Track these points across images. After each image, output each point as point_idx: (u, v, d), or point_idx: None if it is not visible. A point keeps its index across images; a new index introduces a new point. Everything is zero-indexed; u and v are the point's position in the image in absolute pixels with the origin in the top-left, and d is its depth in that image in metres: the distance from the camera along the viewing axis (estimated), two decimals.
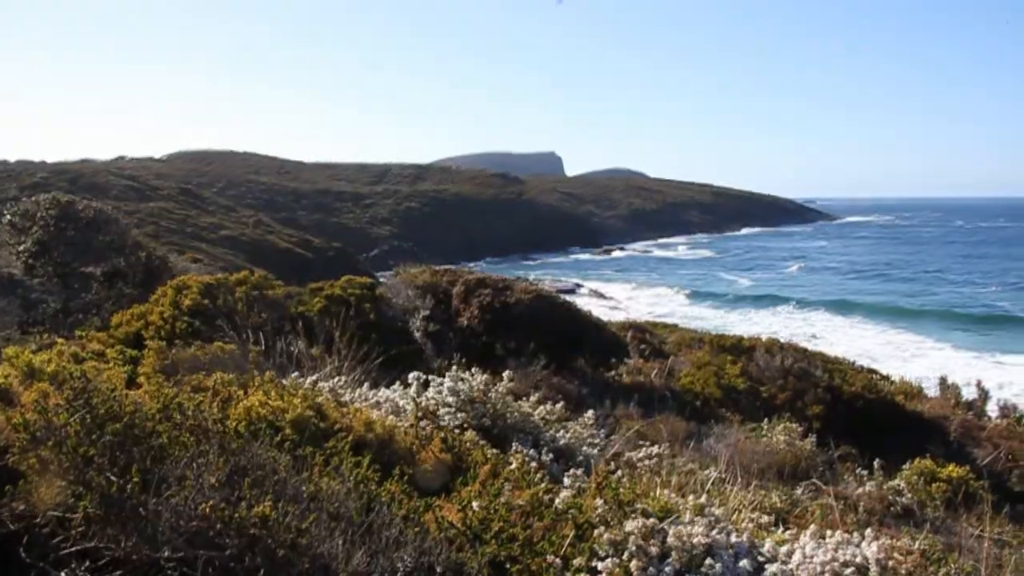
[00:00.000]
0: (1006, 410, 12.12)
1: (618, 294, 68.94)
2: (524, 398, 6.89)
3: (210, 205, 69.67)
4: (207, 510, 2.94)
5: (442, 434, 5.22)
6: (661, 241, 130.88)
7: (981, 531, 6.75)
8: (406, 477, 3.94)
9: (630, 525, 3.93)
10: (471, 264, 76.22)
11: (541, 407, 6.70)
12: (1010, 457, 9.43)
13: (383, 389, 6.57)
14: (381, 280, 16.31)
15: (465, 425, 5.89)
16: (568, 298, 22.00)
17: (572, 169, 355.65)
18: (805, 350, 13.07)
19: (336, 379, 6.43)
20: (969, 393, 12.51)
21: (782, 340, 17.68)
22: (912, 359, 42.25)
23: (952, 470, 8.54)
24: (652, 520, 4.03)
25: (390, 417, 5.69)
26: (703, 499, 4.75)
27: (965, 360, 42.09)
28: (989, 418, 11.71)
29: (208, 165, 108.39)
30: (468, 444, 5.29)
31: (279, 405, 4.60)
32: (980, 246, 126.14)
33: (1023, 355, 43.14)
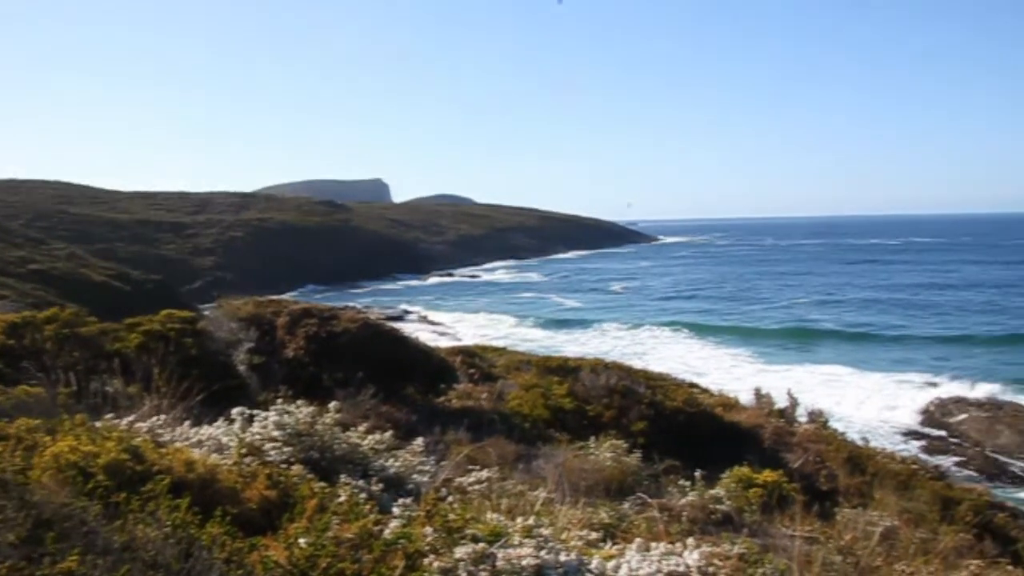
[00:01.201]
0: (814, 415, 12.93)
1: (447, 319, 69.17)
2: (353, 428, 6.81)
3: (17, 237, 65.22)
4: (4, 571, 2.76)
5: (267, 470, 5.09)
6: (489, 265, 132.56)
7: (793, 531, 7.15)
8: (229, 517, 3.81)
9: (460, 551, 3.95)
10: (298, 293, 74.70)
11: (370, 437, 6.64)
12: (818, 459, 10.05)
13: (206, 426, 6.34)
14: (204, 313, 15.75)
15: (292, 459, 5.76)
16: (397, 325, 21.95)
17: (399, 195, 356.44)
18: (629, 368, 13.52)
19: (155, 418, 6.16)
20: (781, 401, 13.29)
21: (609, 359, 18.20)
22: (730, 371, 44.37)
23: (767, 475, 9.01)
24: (482, 545, 4.06)
25: (213, 455, 5.50)
26: (531, 520, 4.82)
27: (778, 370, 44.62)
28: (799, 424, 12.47)
29: (14, 195, 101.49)
30: (295, 479, 5.18)
31: (91, 450, 4.36)
32: (788, 263, 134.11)
33: (829, 364, 46.18)
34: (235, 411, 6.20)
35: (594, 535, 5.60)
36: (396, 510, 4.63)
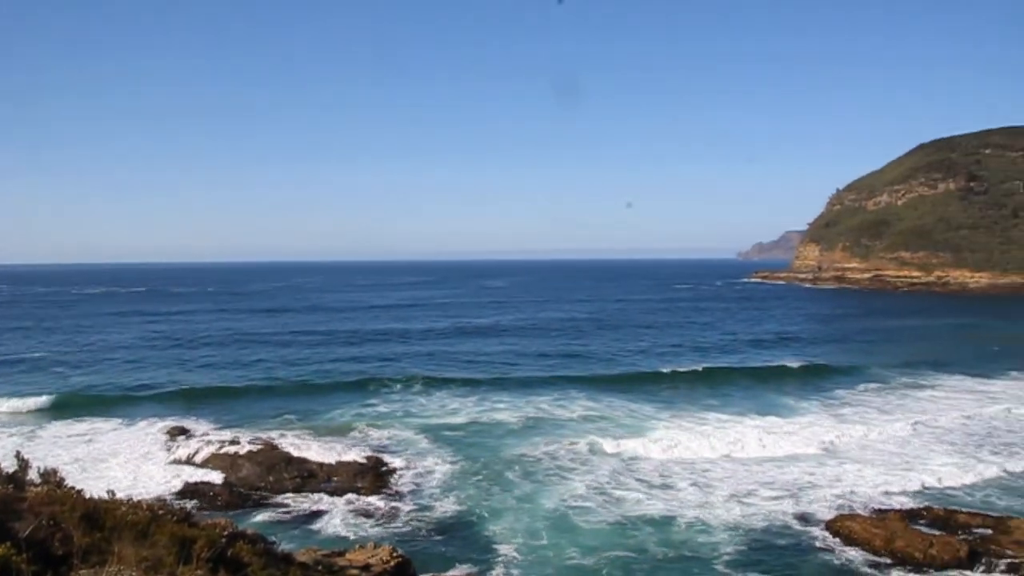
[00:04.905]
0: (47, 476, 12.15)
1: None
2: None
3: None
4: None
5: None
6: None
7: None
8: None
9: None
10: None
11: None
12: (52, 522, 9.50)
13: None
14: None
15: None
16: None
17: None
18: None
19: None
20: (10, 465, 12.15)
21: None
22: None
23: None
24: None
25: None
26: None
27: (20, 432, 41.66)
28: (33, 487, 11.58)
29: None
30: None
31: None
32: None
33: (79, 420, 44.73)
34: None
35: None
36: None
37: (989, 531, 26.77)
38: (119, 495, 13.15)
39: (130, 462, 35.86)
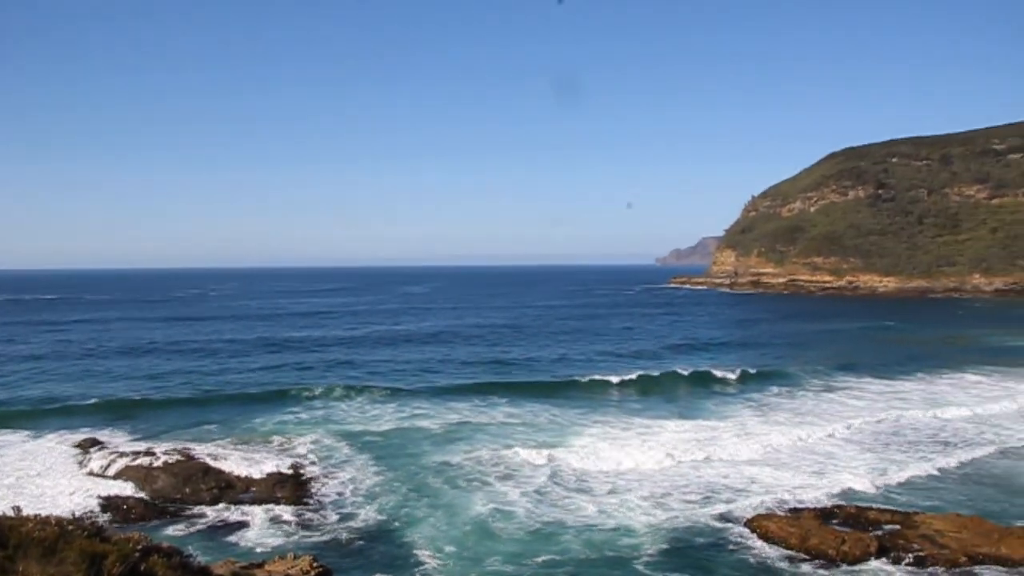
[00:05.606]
0: None
1: None
2: None
3: None
4: None
5: None
6: None
7: None
8: None
9: None
10: None
11: None
12: None
13: None
14: None
15: None
16: None
17: None
18: None
19: None
20: None
21: None
22: None
23: None
24: None
25: None
26: None
27: None
28: None
29: None
30: None
31: None
32: None
33: None
34: None
35: None
36: None
37: (897, 526, 27.64)
38: (26, 511, 12.69)
39: (39, 477, 34.64)
